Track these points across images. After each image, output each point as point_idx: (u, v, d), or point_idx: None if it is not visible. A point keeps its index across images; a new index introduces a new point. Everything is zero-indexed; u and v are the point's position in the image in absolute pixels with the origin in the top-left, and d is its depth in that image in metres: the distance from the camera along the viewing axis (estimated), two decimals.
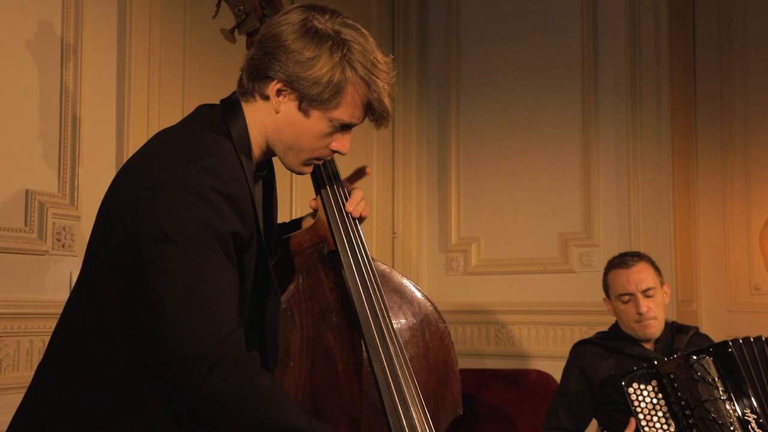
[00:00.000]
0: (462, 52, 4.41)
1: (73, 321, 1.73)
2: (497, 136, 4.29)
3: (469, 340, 4.30)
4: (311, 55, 1.68)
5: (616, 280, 2.98)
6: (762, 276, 3.94)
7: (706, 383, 2.66)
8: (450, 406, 2.07)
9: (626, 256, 3.01)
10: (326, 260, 1.94)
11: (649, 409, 2.72)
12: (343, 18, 1.73)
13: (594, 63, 4.08)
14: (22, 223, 2.66)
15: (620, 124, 4.01)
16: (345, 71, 1.69)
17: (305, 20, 1.70)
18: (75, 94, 2.81)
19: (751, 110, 4.02)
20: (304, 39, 1.69)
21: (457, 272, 4.37)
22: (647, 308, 2.90)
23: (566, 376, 3.10)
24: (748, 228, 3.99)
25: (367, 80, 1.71)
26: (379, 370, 1.85)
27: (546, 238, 4.14)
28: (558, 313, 4.04)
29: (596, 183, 4.05)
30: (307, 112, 1.72)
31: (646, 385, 2.73)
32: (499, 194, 4.28)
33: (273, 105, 1.73)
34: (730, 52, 4.09)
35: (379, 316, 1.89)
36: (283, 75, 1.69)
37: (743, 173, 4.03)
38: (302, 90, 1.69)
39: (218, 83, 3.32)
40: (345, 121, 1.74)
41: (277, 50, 1.69)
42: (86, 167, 2.83)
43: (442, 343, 2.07)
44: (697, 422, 2.65)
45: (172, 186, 1.58)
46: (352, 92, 1.71)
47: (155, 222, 1.57)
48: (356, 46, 1.70)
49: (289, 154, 1.78)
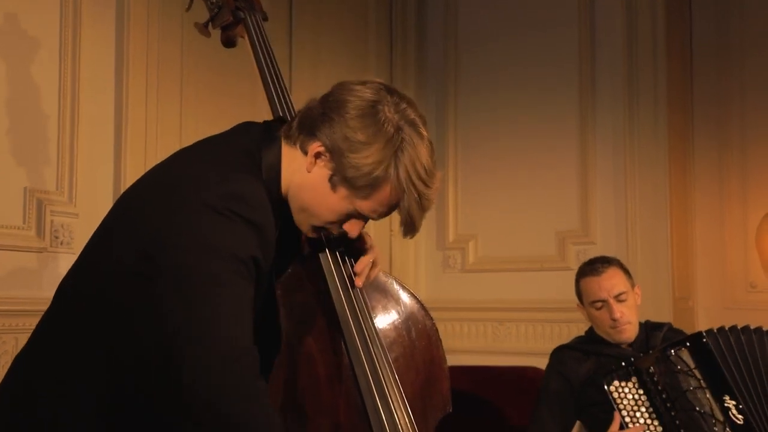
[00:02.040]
0: (460, 50, 4.41)
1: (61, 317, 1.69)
2: (495, 134, 4.30)
3: (466, 338, 4.30)
4: (363, 140, 1.61)
5: (588, 287, 2.98)
6: (758, 274, 3.94)
7: (684, 374, 2.69)
8: (439, 404, 2.04)
9: (596, 263, 3.00)
10: (306, 261, 1.88)
11: (631, 405, 2.75)
12: (413, 113, 1.67)
13: (591, 61, 4.08)
14: (20, 221, 2.66)
15: (617, 122, 4.02)
16: (389, 170, 1.62)
17: (376, 102, 1.64)
18: (73, 92, 2.81)
19: (749, 108, 4.03)
20: (365, 120, 1.62)
21: (454, 270, 4.37)
22: (620, 313, 2.91)
23: (547, 381, 3.12)
24: (745, 226, 4.00)
25: (406, 187, 1.63)
26: (361, 373, 1.80)
27: (543, 236, 4.15)
28: (555, 311, 4.04)
29: (593, 181, 4.06)
30: (335, 187, 1.65)
31: (626, 382, 2.76)
32: (496, 192, 4.28)
33: (308, 163, 1.66)
34: (727, 49, 4.09)
35: (360, 319, 1.83)
36: (329, 142, 1.63)
37: (740, 171, 4.03)
38: (340, 166, 1.63)
39: (216, 80, 3.33)
40: (366, 213, 1.68)
41: (334, 116, 1.63)
42: (84, 165, 2.83)
43: (429, 341, 2.03)
44: (679, 413, 2.68)
45: (194, 203, 1.53)
46: (386, 191, 1.64)
47: (172, 235, 1.52)
48: (410, 149, 1.63)
49: (301, 214, 1.72)
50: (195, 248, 1.51)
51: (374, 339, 1.85)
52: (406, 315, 2.01)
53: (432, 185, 1.67)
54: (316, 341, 1.86)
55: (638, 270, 3.87)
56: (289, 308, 1.83)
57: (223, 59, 3.32)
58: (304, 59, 3.82)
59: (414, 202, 1.65)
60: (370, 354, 1.81)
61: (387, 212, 1.69)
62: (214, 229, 1.52)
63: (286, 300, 1.83)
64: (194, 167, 1.64)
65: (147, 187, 1.70)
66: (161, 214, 1.56)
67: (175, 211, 1.55)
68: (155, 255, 1.53)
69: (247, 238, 1.54)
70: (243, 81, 3.45)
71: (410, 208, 1.65)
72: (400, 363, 1.95)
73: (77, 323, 1.64)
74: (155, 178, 1.70)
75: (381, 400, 1.79)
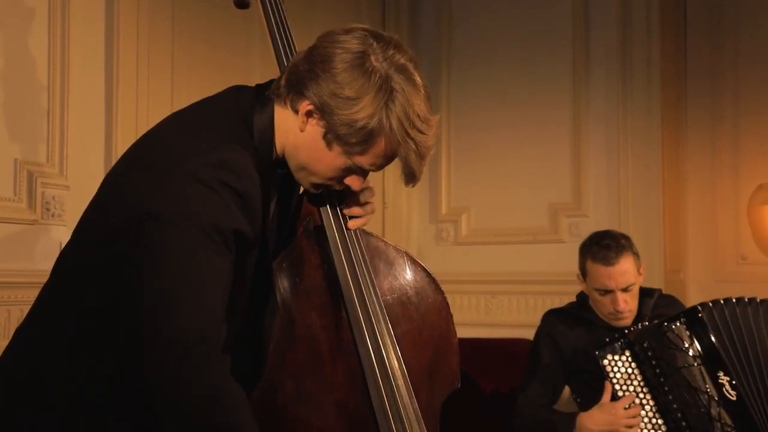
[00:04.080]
0: (453, 24, 4.39)
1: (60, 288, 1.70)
2: (488, 107, 4.29)
3: (458, 310, 4.32)
4: (352, 95, 1.57)
5: (596, 273, 2.87)
6: (749, 246, 3.96)
7: (679, 350, 2.69)
8: (447, 379, 1.99)
9: (609, 250, 2.83)
10: (312, 236, 1.84)
11: (624, 378, 2.75)
12: (402, 57, 1.61)
13: (585, 34, 4.07)
14: (11, 193, 2.65)
15: (610, 95, 4.01)
16: (381, 122, 1.58)
17: (363, 53, 1.59)
18: (63, 64, 2.79)
19: (742, 81, 4.02)
20: (352, 73, 1.58)
21: (447, 242, 4.38)
22: (624, 303, 2.85)
23: (537, 345, 3.10)
24: (737, 198, 4.01)
25: (401, 137, 1.59)
26: (364, 351, 1.77)
27: (536, 209, 4.16)
28: (547, 283, 4.05)
29: (586, 154, 4.06)
30: (330, 145, 1.62)
31: (620, 356, 2.76)
32: (489, 164, 4.28)
33: (299, 122, 1.63)
34: (720, 23, 4.08)
35: (365, 294, 1.80)
36: (318, 100, 1.59)
37: (732, 144, 4.04)
38: (332, 123, 1.60)
39: (208, 53, 3.31)
40: (365, 167, 1.65)
41: (321, 72, 1.59)
42: (75, 136, 2.82)
43: (439, 315, 1.99)
44: (672, 389, 2.69)
45: (181, 172, 1.52)
46: (381, 144, 1.60)
47: (156, 203, 1.51)
48: (401, 97, 1.58)
49: (301, 173, 1.69)
50: (176, 220, 1.49)
51: (378, 313, 1.81)
52: (415, 290, 1.96)
53: (428, 131, 1.62)
54: (320, 316, 1.82)
55: None
56: (293, 282, 1.80)
57: (215, 32, 3.31)
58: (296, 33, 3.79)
59: (412, 152, 1.61)
60: (374, 330, 1.78)
61: (386, 163, 1.66)
62: (198, 200, 1.50)
63: (290, 273, 1.80)
64: (183, 136, 1.63)
65: (138, 156, 1.68)
66: (150, 183, 1.55)
67: (162, 180, 1.53)
68: (137, 225, 1.52)
69: (232, 208, 1.53)
70: (235, 54, 3.43)
71: (408, 158, 1.61)
72: (408, 339, 1.90)
73: (73, 295, 1.65)
74: (146, 148, 1.69)
75: (383, 379, 1.77)
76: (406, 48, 1.65)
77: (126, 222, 1.55)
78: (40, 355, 1.65)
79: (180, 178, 1.52)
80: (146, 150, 1.67)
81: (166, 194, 1.51)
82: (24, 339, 1.70)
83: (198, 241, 1.49)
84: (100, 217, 1.66)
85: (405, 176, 1.66)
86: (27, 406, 1.63)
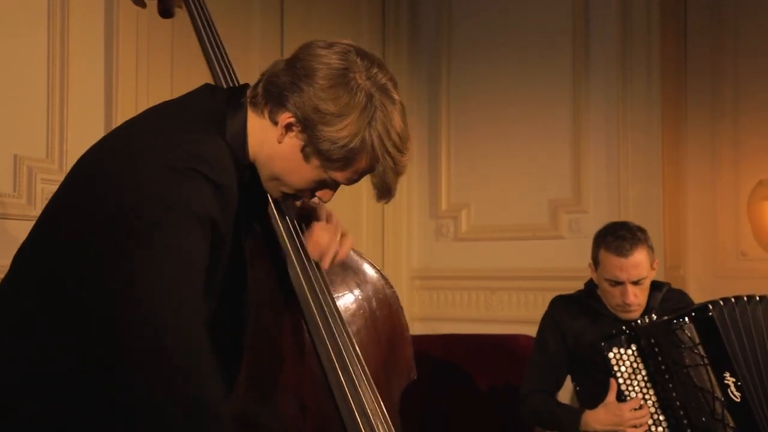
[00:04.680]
0: (453, 19, 4.38)
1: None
2: (488, 103, 4.29)
3: (458, 306, 4.32)
4: (336, 111, 1.57)
5: (608, 263, 2.83)
6: (749, 242, 3.96)
7: (686, 348, 2.66)
8: (404, 371, 2.03)
9: (624, 241, 2.79)
10: (258, 239, 1.83)
11: (629, 373, 2.73)
12: (384, 77, 1.62)
13: (585, 29, 4.06)
14: (10, 188, 2.65)
15: (610, 91, 4.01)
16: (364, 140, 1.58)
17: (346, 70, 1.58)
18: (62, 59, 2.79)
19: (742, 77, 4.02)
20: (336, 90, 1.57)
21: (447, 238, 4.38)
22: (634, 297, 2.81)
23: (543, 332, 3.08)
24: (737, 194, 4.00)
25: (381, 155, 1.60)
26: (323, 351, 1.77)
27: (536, 205, 4.15)
28: (547, 279, 4.05)
29: (586, 149, 4.05)
30: (308, 158, 1.61)
31: (626, 350, 2.73)
32: (489, 160, 4.28)
33: (278, 134, 1.62)
34: (721, 16, 4.07)
35: (319, 294, 1.79)
36: (300, 113, 1.58)
37: (732, 139, 4.03)
38: (313, 138, 1.59)
39: None
40: (340, 181, 1.65)
41: (305, 86, 1.58)
42: (74, 132, 2.82)
43: (390, 309, 2.01)
44: (677, 386, 2.67)
45: (159, 165, 1.48)
46: (362, 161, 1.61)
47: (135, 196, 1.47)
48: (383, 117, 1.59)
49: (272, 182, 1.68)
50: (154, 204, 1.45)
51: (334, 314, 1.81)
52: (366, 285, 1.99)
53: (406, 151, 1.64)
54: (276, 320, 1.83)
55: None
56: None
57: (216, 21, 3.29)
58: (296, 28, 3.79)
59: (389, 170, 1.62)
60: (331, 330, 1.78)
61: (360, 178, 1.66)
62: (174, 186, 1.47)
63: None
64: (159, 130, 1.59)
65: (110, 150, 1.63)
66: (125, 175, 1.50)
67: (139, 173, 1.49)
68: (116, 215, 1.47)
69: (208, 196, 1.50)
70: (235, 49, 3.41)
71: (386, 174, 1.62)
72: (363, 335, 1.93)
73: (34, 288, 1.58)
74: (119, 141, 1.64)
75: (344, 376, 1.77)
76: (387, 67, 1.66)
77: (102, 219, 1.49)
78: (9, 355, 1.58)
79: (158, 169, 1.48)
80: (122, 145, 1.61)
81: (143, 185, 1.47)
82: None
83: (175, 221, 1.46)
84: (71, 211, 1.58)
85: (380, 192, 1.65)
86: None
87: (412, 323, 4.45)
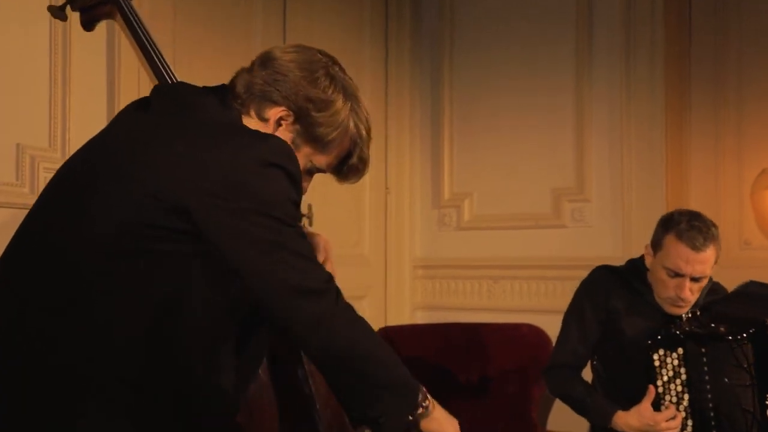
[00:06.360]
0: (455, 7, 4.37)
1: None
2: (490, 92, 4.28)
3: (461, 295, 4.32)
4: (325, 98, 1.67)
5: (675, 253, 2.59)
6: (752, 231, 3.95)
7: (740, 367, 2.54)
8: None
9: (700, 233, 2.57)
10: None
11: (669, 377, 2.61)
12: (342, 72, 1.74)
13: (588, 17, 4.05)
14: (13, 177, 2.66)
15: (614, 79, 4.00)
16: (350, 123, 1.70)
17: (321, 62, 1.70)
18: (64, 47, 2.79)
19: (745, 65, 4.00)
20: (321, 80, 1.68)
21: (449, 227, 4.38)
22: (690, 293, 2.61)
23: (580, 300, 2.86)
24: (740, 183, 3.99)
25: (357, 139, 1.72)
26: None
27: (539, 194, 4.15)
28: (550, 268, 4.06)
29: (589, 138, 4.05)
30: (298, 148, 1.68)
31: (671, 352, 2.59)
32: (492, 149, 4.28)
33: (269, 129, 1.67)
34: (725, 6, 4.06)
35: None
36: (294, 105, 1.67)
37: (736, 128, 4.02)
38: (307, 125, 1.68)
39: (208, 36, 3.30)
40: (321, 167, 1.73)
41: (287, 80, 1.67)
42: (77, 121, 2.82)
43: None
44: (714, 398, 2.56)
45: (253, 161, 1.54)
46: (345, 144, 1.72)
47: (240, 194, 1.52)
48: (357, 103, 1.72)
49: None
50: (264, 205, 1.53)
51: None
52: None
53: (370, 135, 1.77)
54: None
55: (633, 228, 3.88)
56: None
57: (217, 15, 3.29)
58: (299, 18, 3.79)
59: (364, 152, 1.75)
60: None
61: (337, 165, 1.75)
62: (280, 182, 1.56)
63: None
64: (224, 132, 1.60)
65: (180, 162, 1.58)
66: (221, 181, 1.53)
67: (238, 172, 1.53)
68: (219, 213, 1.52)
69: (298, 187, 1.61)
70: (236, 39, 3.42)
71: (362, 156, 1.75)
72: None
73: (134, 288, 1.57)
74: (188, 152, 1.59)
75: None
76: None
77: (178, 210, 1.52)
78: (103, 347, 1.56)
79: (254, 166, 1.54)
80: (191, 156, 1.57)
81: (247, 183, 1.53)
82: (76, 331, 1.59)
83: (290, 219, 1.57)
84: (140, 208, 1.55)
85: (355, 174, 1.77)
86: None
87: (415, 312, 4.48)
